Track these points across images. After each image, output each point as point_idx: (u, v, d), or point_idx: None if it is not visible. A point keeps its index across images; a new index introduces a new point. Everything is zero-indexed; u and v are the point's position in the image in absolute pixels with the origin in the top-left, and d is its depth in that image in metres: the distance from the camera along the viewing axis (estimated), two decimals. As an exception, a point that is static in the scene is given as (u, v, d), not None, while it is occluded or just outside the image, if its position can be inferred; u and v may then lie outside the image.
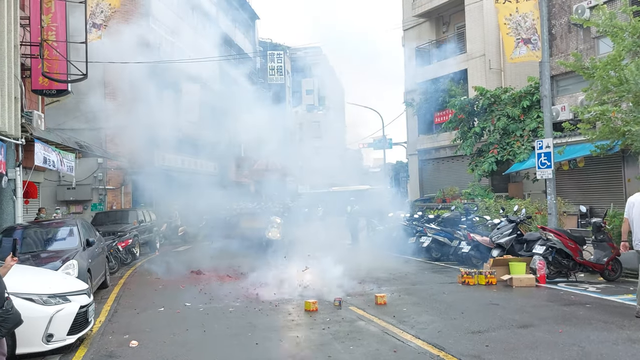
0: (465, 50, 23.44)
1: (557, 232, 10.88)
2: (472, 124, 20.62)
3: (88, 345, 6.63)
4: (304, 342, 6.45)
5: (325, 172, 20.68)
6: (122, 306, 9.11)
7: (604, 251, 10.52)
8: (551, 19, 17.45)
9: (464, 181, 21.62)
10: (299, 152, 23.74)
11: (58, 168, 13.92)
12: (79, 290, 6.79)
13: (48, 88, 14.50)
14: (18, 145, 12.59)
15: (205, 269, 12.87)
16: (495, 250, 11.65)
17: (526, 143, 18.07)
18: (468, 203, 16.75)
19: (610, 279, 10.44)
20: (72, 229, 9.96)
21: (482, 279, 10.26)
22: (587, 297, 8.92)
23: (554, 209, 12.98)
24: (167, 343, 6.57)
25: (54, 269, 8.04)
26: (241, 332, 7.02)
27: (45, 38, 13.46)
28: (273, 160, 21.55)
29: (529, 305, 8.21)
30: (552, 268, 10.51)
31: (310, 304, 8.24)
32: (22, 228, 10.04)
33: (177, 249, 19.47)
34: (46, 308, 6.13)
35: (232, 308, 8.56)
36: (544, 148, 12.97)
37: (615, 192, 15.86)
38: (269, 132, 18.16)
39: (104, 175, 22.77)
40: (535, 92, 18.25)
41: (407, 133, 28.41)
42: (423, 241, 14.55)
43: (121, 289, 11.01)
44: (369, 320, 7.51)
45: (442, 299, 8.95)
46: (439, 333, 6.69)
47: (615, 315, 7.45)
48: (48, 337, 6.07)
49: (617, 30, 10.93)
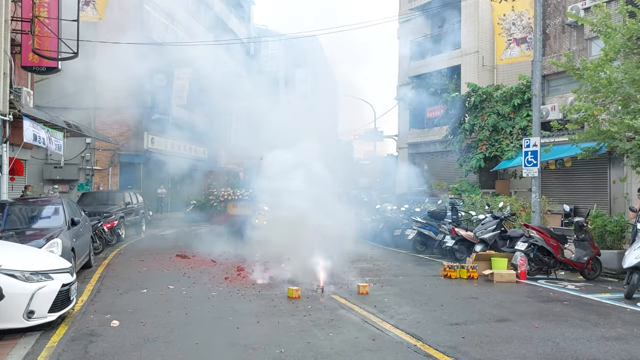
0: (459, 46, 23.49)
1: (540, 230, 11.03)
2: (463, 120, 20.75)
3: (69, 323, 6.65)
4: (284, 328, 6.52)
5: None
6: (105, 286, 9.12)
7: (584, 250, 10.70)
8: (545, 19, 17.53)
9: (453, 176, 21.77)
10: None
11: (47, 146, 13.85)
12: (62, 268, 6.79)
13: (38, 65, 14.37)
14: (5, 121, 12.48)
15: (190, 253, 12.90)
16: (479, 246, 11.80)
17: (515, 141, 18.22)
18: (454, 198, 16.88)
19: (590, 278, 10.63)
20: (57, 207, 9.94)
21: (464, 273, 10.39)
22: (565, 294, 9.07)
23: (537, 207, 13.14)
24: (148, 324, 6.60)
25: (37, 246, 8.03)
26: (223, 316, 7.07)
27: (36, 14, 13.31)
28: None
29: (508, 301, 8.35)
30: (533, 265, 10.68)
31: (292, 290, 8.30)
32: (6, 205, 9.98)
33: (163, 232, 19.45)
34: (28, 285, 6.13)
35: (215, 292, 8.61)
36: (531, 146, 13.09)
37: (600, 192, 16.06)
38: (259, 118, 18.10)
39: (91, 156, 22.65)
40: (526, 90, 18.38)
41: (399, 126, 28.48)
42: (408, 234, 14.67)
43: (105, 269, 11.01)
44: (350, 309, 7.60)
45: (423, 291, 9.06)
46: (418, 324, 6.79)
47: (591, 313, 7.60)
48: (29, 313, 6.08)
49: (611, 31, 11.03)
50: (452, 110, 20.87)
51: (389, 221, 16.69)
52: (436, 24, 26.36)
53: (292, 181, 10.38)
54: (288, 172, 10.55)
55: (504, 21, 14.33)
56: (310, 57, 20.05)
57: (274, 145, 11.71)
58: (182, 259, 12.32)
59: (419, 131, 25.59)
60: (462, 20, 23.42)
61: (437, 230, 13.95)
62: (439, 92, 23.43)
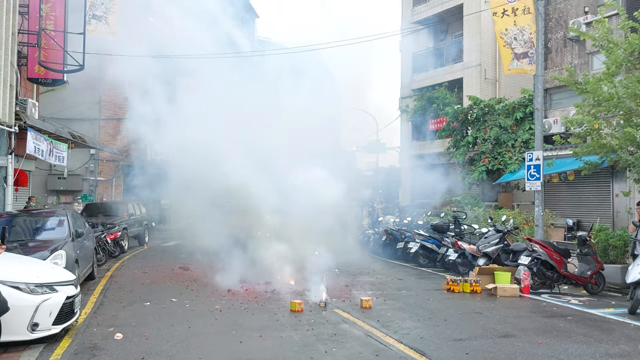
0: (462, 59, 23.62)
1: (543, 244, 11.02)
2: (465, 132, 20.80)
3: (73, 336, 6.66)
4: (288, 343, 6.52)
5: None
6: (108, 299, 9.13)
7: (588, 265, 10.67)
8: (547, 33, 17.65)
9: (455, 189, 21.77)
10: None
11: (46, 158, 13.85)
12: (66, 280, 6.81)
13: (44, 77, 14.49)
14: (11, 133, 12.57)
15: (193, 265, 12.90)
16: (482, 259, 11.78)
17: (517, 154, 18.25)
18: (457, 211, 16.88)
19: (593, 293, 10.59)
20: (62, 219, 9.96)
21: (467, 287, 10.37)
22: (569, 309, 9.05)
23: (540, 220, 13.13)
24: (151, 337, 6.61)
25: (41, 258, 8.05)
26: (226, 330, 7.07)
27: (43, 27, 13.44)
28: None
29: (512, 316, 8.33)
30: (537, 279, 10.65)
31: (295, 304, 8.30)
32: (10, 216, 10.01)
33: (166, 244, 19.46)
34: (33, 297, 6.16)
35: (218, 305, 8.61)
36: (533, 160, 13.11)
37: (604, 206, 16.06)
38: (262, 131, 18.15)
39: (95, 167, 22.72)
40: (528, 104, 18.45)
41: (401, 138, 28.55)
42: (411, 247, 14.64)
43: (108, 281, 11.02)
44: (353, 323, 7.59)
45: (426, 306, 9.05)
46: (422, 339, 6.79)
47: (595, 329, 7.58)
48: (33, 326, 6.09)
49: (612, 46, 11.10)
50: (454, 122, 20.94)
51: (391, 234, 16.68)
52: (438, 37, 26.54)
53: (296, 194, 10.42)
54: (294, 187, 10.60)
55: (505, 36, 14.42)
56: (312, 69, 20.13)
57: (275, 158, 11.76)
58: (185, 270, 12.32)
59: (421, 143, 25.65)
60: (464, 33, 23.59)
61: (439, 244, 13.94)
62: (441, 105, 23.52)
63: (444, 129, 21.96)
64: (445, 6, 24.62)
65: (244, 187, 11.72)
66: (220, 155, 12.16)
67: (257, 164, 12.26)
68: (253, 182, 11.63)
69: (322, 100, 15.77)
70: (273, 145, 13.18)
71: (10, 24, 11.98)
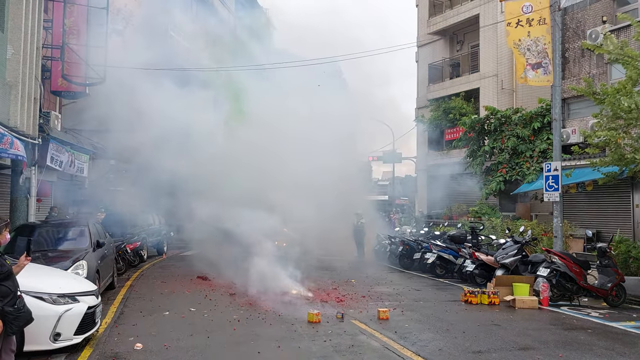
0: (478, 69, 23.57)
1: (562, 255, 10.90)
2: (482, 142, 20.71)
3: (94, 346, 6.77)
4: (306, 354, 6.55)
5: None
6: (128, 308, 9.25)
7: (608, 276, 10.53)
8: (565, 43, 17.54)
9: (472, 199, 21.65)
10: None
11: (65, 169, 14.04)
12: (88, 291, 6.94)
13: (66, 90, 14.79)
14: (35, 145, 12.84)
15: (211, 275, 13.00)
16: (500, 270, 11.70)
17: (535, 164, 18.11)
18: (475, 221, 16.77)
19: (614, 305, 10.44)
20: (83, 229, 10.12)
21: (485, 299, 10.30)
22: (589, 322, 8.94)
23: (559, 231, 13.00)
24: (171, 348, 6.69)
25: (63, 268, 8.18)
26: (244, 341, 7.13)
27: (66, 41, 13.77)
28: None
29: (531, 328, 8.25)
30: (556, 291, 10.53)
31: (313, 315, 8.33)
32: (34, 227, 10.21)
33: (184, 253, 19.62)
34: (55, 307, 6.28)
35: (236, 315, 8.67)
36: (552, 171, 13.02)
37: (623, 217, 15.82)
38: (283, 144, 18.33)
39: (116, 177, 22.99)
40: (546, 113, 18.32)
41: (417, 148, 28.51)
42: (428, 257, 14.58)
43: (128, 290, 11.16)
44: (371, 335, 7.59)
45: (444, 317, 9.01)
46: (440, 351, 6.76)
47: (616, 342, 7.48)
48: (55, 335, 6.21)
49: (628, 59, 11.01)
50: (470, 132, 20.87)
51: (408, 244, 16.63)
52: (454, 48, 26.54)
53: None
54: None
55: (519, 46, 14.39)
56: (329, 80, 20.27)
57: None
58: (203, 280, 12.42)
59: (438, 153, 25.58)
60: (480, 43, 23.56)
61: (456, 255, 13.86)
62: (458, 115, 23.47)
63: (460, 139, 21.89)
64: (462, 17, 24.65)
65: (265, 198, 11.82)
66: (243, 165, 12.26)
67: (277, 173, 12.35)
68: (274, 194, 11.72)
69: (339, 110, 15.86)
70: (297, 160, 13.26)
71: (35, 39, 12.29)
